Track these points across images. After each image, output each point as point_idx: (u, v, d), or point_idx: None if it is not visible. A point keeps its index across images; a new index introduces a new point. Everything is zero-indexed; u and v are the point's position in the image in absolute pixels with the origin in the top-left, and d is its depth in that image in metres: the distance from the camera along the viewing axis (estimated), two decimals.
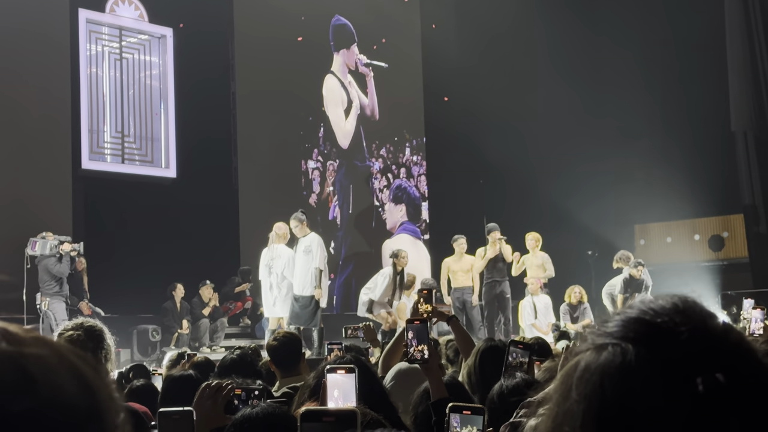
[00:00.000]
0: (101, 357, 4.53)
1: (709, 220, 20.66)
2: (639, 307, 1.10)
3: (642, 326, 1.07)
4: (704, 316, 1.09)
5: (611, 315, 1.12)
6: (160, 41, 18.05)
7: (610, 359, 1.05)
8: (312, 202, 19.28)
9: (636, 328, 1.07)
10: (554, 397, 1.10)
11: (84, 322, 4.70)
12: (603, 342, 1.07)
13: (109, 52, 17.45)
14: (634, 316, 1.09)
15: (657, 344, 1.04)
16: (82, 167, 16.65)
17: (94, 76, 17.17)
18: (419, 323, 4.16)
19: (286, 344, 6.10)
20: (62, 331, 4.67)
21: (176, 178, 17.88)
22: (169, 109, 17.98)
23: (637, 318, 1.08)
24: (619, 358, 1.04)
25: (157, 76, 18.01)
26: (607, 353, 1.05)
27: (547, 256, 15.71)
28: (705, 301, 1.13)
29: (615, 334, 1.07)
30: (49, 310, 12.96)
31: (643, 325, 1.07)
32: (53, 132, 15.93)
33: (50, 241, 13.04)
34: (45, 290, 13.11)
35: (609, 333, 1.08)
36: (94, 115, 17.05)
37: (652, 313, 1.08)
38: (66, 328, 4.65)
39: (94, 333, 4.59)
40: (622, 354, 1.04)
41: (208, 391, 3.56)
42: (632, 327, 1.07)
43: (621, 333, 1.07)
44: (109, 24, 17.44)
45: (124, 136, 17.50)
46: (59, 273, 13.13)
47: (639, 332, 1.06)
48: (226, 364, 6.19)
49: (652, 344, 1.04)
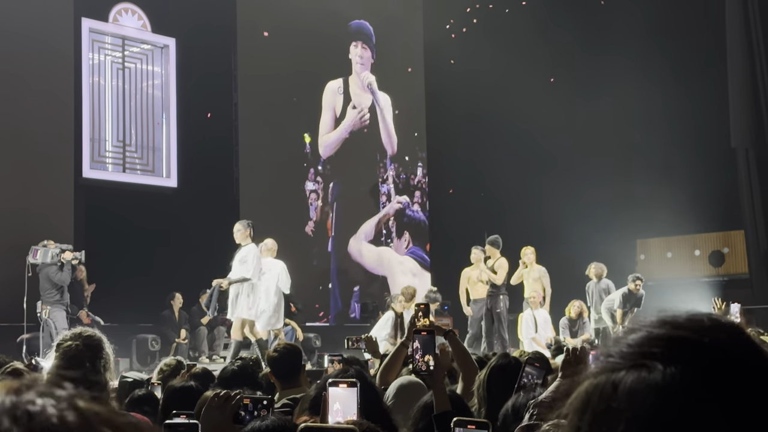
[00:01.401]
0: (99, 367, 4.52)
1: (709, 236, 20.66)
2: (672, 324, 1.05)
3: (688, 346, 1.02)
4: (745, 337, 1.05)
5: (631, 330, 1.07)
6: (162, 51, 18.08)
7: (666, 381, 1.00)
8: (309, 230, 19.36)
9: (683, 348, 1.02)
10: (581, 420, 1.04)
11: (83, 332, 4.68)
12: (645, 362, 1.02)
13: (111, 62, 17.48)
14: (677, 335, 1.04)
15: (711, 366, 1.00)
16: (83, 176, 16.66)
17: (97, 85, 17.20)
18: (426, 334, 4.15)
19: (286, 355, 6.10)
20: (61, 341, 4.65)
21: (177, 187, 17.89)
22: (170, 119, 18.00)
23: (681, 337, 1.03)
24: (677, 380, 0.99)
25: (160, 85, 18.04)
26: (659, 374, 1.00)
27: (545, 270, 15.69)
28: None
29: (660, 354, 1.02)
30: (49, 318, 12.95)
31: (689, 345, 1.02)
32: (55, 140, 15.95)
33: (51, 250, 13.03)
34: (46, 298, 13.09)
35: (647, 353, 1.03)
36: (95, 124, 17.07)
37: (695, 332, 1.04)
38: (64, 338, 4.64)
39: (92, 343, 4.58)
40: (680, 376, 1.00)
41: (217, 400, 3.56)
42: (678, 346, 1.02)
43: (667, 353, 1.02)
44: (112, 33, 17.47)
45: (125, 146, 17.52)
46: (60, 281, 13.12)
47: (687, 353, 1.01)
48: (226, 375, 6.18)
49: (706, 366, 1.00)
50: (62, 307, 13.19)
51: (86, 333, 4.65)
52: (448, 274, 19.03)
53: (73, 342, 4.53)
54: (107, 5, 17.39)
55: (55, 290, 13.13)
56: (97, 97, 17.20)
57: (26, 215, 15.04)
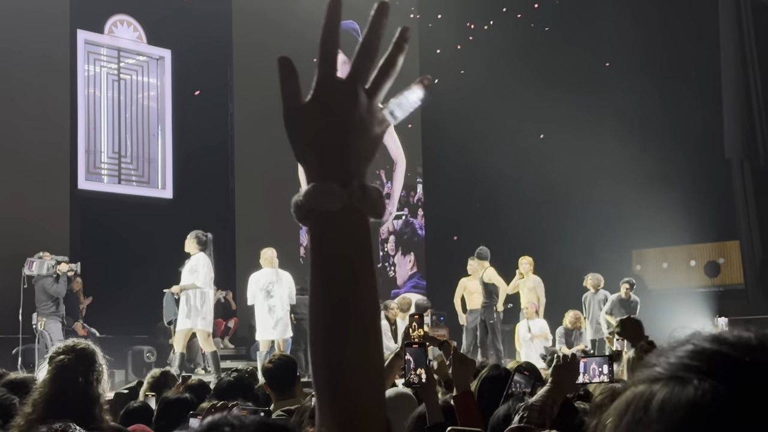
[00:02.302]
0: (92, 380, 4.52)
1: (705, 246, 20.68)
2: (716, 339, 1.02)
3: (728, 362, 0.99)
4: None
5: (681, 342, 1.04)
6: (158, 62, 18.10)
7: (699, 396, 0.96)
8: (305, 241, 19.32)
9: (721, 363, 0.99)
10: (621, 426, 1.01)
11: (76, 345, 4.67)
12: (682, 375, 0.99)
13: (107, 73, 17.50)
14: (715, 349, 1.00)
15: (749, 384, 0.96)
16: (79, 187, 16.66)
17: (92, 96, 17.21)
18: (418, 347, 4.15)
19: (281, 367, 6.09)
20: (53, 354, 4.65)
21: (173, 198, 17.89)
22: (166, 130, 18.01)
23: (719, 352, 1.00)
24: (709, 396, 0.96)
25: (155, 97, 18.05)
26: (693, 388, 0.97)
27: (539, 280, 15.74)
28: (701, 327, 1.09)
29: (696, 368, 0.99)
30: (45, 330, 12.92)
31: (730, 361, 0.99)
32: (51, 152, 15.95)
33: (47, 261, 13.01)
34: (41, 310, 13.07)
35: (687, 365, 1.00)
36: (91, 136, 17.08)
37: (736, 348, 1.00)
38: (57, 352, 4.63)
39: (85, 356, 4.58)
40: (712, 392, 0.96)
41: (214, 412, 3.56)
42: (718, 362, 0.99)
43: (704, 367, 0.98)
44: (107, 45, 17.49)
45: (121, 157, 17.52)
46: (56, 293, 13.10)
47: (726, 369, 0.98)
48: (222, 386, 6.17)
49: (744, 384, 0.96)
50: (58, 318, 13.17)
51: (79, 346, 4.64)
52: (444, 286, 19.04)
53: (65, 356, 4.53)
54: (103, 17, 17.41)
55: (51, 302, 13.11)
56: (93, 108, 17.21)
57: (22, 227, 15.02)
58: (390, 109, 1.26)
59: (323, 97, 1.23)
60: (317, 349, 1.24)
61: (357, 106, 1.22)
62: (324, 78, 1.25)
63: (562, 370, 3.80)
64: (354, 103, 1.22)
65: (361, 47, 1.26)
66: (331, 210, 1.20)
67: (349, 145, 1.22)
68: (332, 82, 1.24)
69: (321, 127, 1.23)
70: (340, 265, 1.22)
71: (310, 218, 1.21)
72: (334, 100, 1.23)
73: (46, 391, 4.40)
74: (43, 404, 4.33)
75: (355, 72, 1.25)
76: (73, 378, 4.44)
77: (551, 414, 3.57)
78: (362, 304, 1.22)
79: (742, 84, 19.30)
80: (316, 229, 1.22)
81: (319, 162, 1.22)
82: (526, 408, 3.54)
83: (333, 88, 1.23)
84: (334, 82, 1.24)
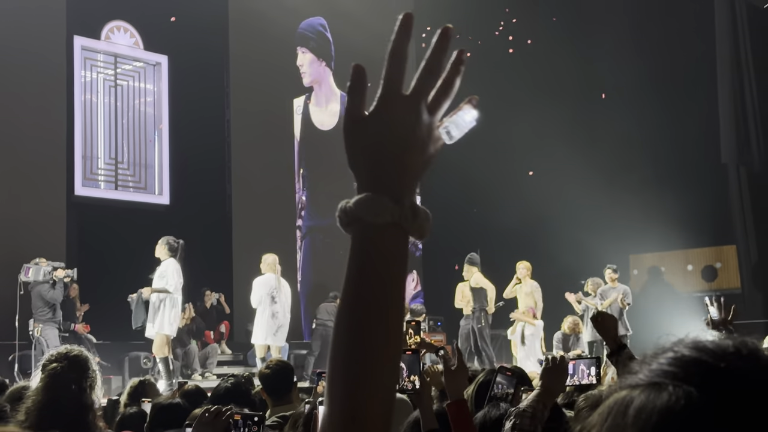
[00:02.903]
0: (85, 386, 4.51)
1: (702, 251, 20.68)
2: (695, 347, 1.04)
3: (704, 369, 1.01)
4: (766, 362, 1.03)
5: (664, 349, 1.06)
6: (155, 68, 18.10)
7: (672, 401, 0.99)
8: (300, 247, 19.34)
9: (698, 370, 1.01)
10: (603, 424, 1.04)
11: (69, 352, 4.66)
12: (660, 381, 1.02)
13: (104, 79, 17.50)
14: (694, 357, 1.03)
15: (722, 391, 0.99)
16: (75, 193, 16.65)
17: (89, 102, 17.21)
18: (411, 353, 4.14)
19: (278, 372, 6.10)
20: (46, 362, 4.63)
21: (170, 204, 17.89)
22: (163, 136, 18.01)
23: (698, 359, 1.02)
24: (682, 402, 0.98)
25: (152, 103, 18.06)
26: (668, 394, 0.99)
27: (537, 285, 15.77)
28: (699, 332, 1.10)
29: (673, 374, 1.01)
30: (41, 336, 12.90)
31: (706, 368, 1.01)
32: (47, 158, 15.94)
33: (44, 267, 13.00)
34: (38, 316, 13.05)
35: (665, 372, 1.02)
36: (88, 142, 17.08)
37: (713, 356, 1.02)
38: (50, 360, 4.61)
39: (78, 363, 4.56)
40: (686, 398, 0.98)
41: (207, 416, 3.56)
42: (693, 369, 1.01)
43: (681, 374, 1.01)
44: (104, 51, 17.49)
45: (117, 163, 17.52)
46: (53, 299, 13.09)
47: (702, 375, 1.00)
48: (220, 392, 6.16)
49: (717, 390, 0.99)
50: (54, 324, 13.16)
51: (72, 353, 4.63)
52: (442, 291, 19.05)
53: (58, 363, 4.52)
54: (100, 23, 17.42)
55: (48, 308, 13.09)
56: (90, 114, 17.21)
57: (18, 233, 15.01)
58: (447, 128, 1.27)
59: (388, 110, 1.23)
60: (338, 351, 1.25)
61: (419, 123, 1.24)
62: (390, 91, 1.24)
63: (551, 372, 3.80)
64: (417, 119, 1.23)
65: (425, 66, 1.26)
66: (379, 222, 1.20)
67: (406, 161, 1.23)
68: (398, 96, 1.24)
69: (381, 139, 1.23)
70: (377, 276, 1.23)
71: (354, 226, 1.22)
72: (398, 114, 1.23)
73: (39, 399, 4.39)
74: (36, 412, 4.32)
75: (419, 89, 1.25)
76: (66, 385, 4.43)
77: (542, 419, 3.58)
78: (391, 317, 1.22)
79: (737, 89, 19.33)
80: (359, 238, 1.22)
81: (374, 173, 1.23)
82: (518, 414, 3.54)
83: (398, 102, 1.23)
84: (400, 97, 1.24)
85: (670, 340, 1.09)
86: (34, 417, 4.26)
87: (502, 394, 4.18)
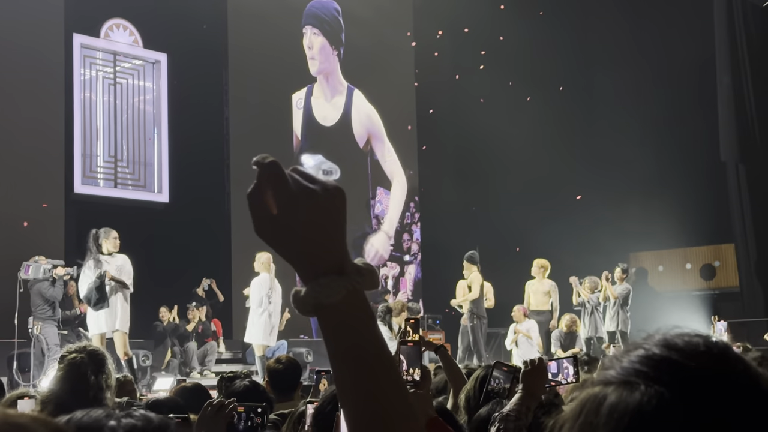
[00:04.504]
0: (102, 382, 4.52)
1: (700, 250, 20.71)
2: (667, 345, 1.06)
3: (675, 369, 1.03)
4: (735, 362, 1.05)
5: (636, 346, 1.08)
6: (154, 66, 18.09)
7: (644, 401, 1.01)
8: None
9: (669, 370, 1.03)
10: (575, 427, 1.06)
11: (87, 346, 4.72)
12: (632, 380, 1.04)
13: (103, 77, 17.49)
14: (665, 356, 1.05)
15: (694, 391, 1.01)
16: (74, 191, 16.65)
17: (88, 100, 17.20)
18: (412, 345, 4.13)
19: (288, 369, 6.12)
20: (65, 353, 4.66)
21: (169, 202, 17.88)
22: (162, 134, 18.00)
23: (668, 359, 1.04)
24: (654, 402, 1.00)
25: (151, 101, 18.05)
26: (641, 394, 1.01)
27: (554, 285, 15.79)
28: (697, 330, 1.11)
29: (645, 373, 1.03)
30: (41, 334, 12.89)
31: (677, 368, 1.03)
32: (47, 156, 15.94)
33: (43, 265, 12.97)
34: (37, 314, 13.03)
35: (637, 371, 1.04)
36: (87, 140, 17.07)
37: (684, 355, 1.04)
38: (69, 350, 4.65)
39: (96, 356, 4.60)
40: (658, 397, 1.00)
41: (210, 410, 3.56)
42: (665, 368, 1.03)
43: (652, 373, 1.03)
44: (103, 49, 17.49)
45: (117, 161, 17.51)
46: (52, 297, 13.06)
47: (673, 375, 1.02)
48: (237, 390, 6.13)
49: (689, 391, 1.01)
50: (53, 322, 13.14)
51: (90, 347, 4.68)
52: (441, 289, 19.04)
53: (78, 354, 4.54)
54: (99, 21, 17.41)
55: (47, 306, 13.07)
56: (89, 112, 17.20)
57: (18, 231, 15.01)
58: None
59: (292, 205, 1.25)
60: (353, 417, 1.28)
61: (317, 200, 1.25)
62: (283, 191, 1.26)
63: (531, 375, 3.81)
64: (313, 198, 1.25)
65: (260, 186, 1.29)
66: (338, 300, 1.24)
67: (329, 236, 1.26)
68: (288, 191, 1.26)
69: (292, 232, 1.25)
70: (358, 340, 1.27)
71: (318, 311, 1.26)
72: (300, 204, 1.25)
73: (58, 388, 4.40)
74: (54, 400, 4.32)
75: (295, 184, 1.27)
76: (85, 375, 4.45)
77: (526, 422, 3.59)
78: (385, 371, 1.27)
79: (736, 87, 19.35)
80: (328, 320, 1.26)
81: (311, 260, 1.26)
82: (502, 419, 3.55)
83: (292, 196, 1.25)
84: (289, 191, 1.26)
85: (641, 335, 1.11)
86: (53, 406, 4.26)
87: (499, 389, 4.18)
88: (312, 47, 19.87)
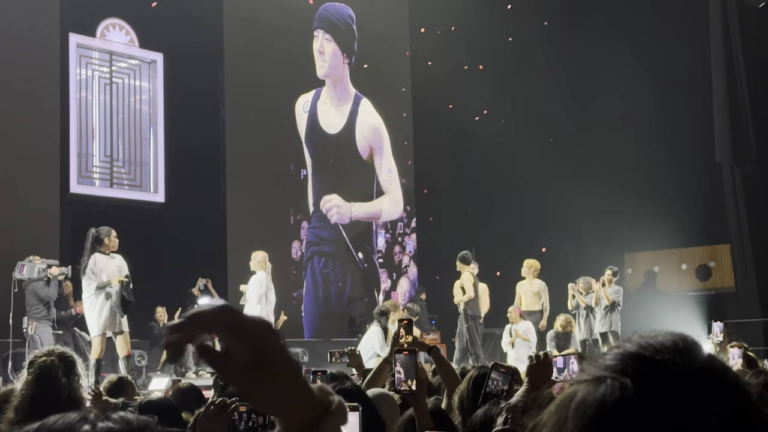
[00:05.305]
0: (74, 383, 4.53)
1: (696, 250, 20.73)
2: (638, 342, 1.09)
3: (641, 362, 1.06)
4: (703, 356, 1.08)
5: (615, 345, 1.12)
6: (150, 66, 18.08)
7: (608, 393, 1.04)
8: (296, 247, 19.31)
9: (635, 363, 1.06)
10: (549, 424, 1.09)
11: (55, 349, 4.74)
12: (601, 375, 1.07)
13: (99, 77, 17.48)
14: (634, 351, 1.08)
15: (656, 382, 1.03)
16: (70, 191, 16.63)
17: (84, 100, 17.19)
18: (407, 353, 4.12)
19: None
20: (34, 358, 4.66)
21: (165, 202, 17.87)
22: (158, 134, 17.99)
23: (637, 354, 1.07)
24: (617, 393, 1.03)
25: (147, 100, 18.03)
26: (605, 387, 1.05)
27: (544, 285, 15.79)
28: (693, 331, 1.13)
29: (613, 367, 1.07)
30: (35, 334, 12.87)
31: (643, 361, 1.06)
32: (42, 155, 15.91)
33: (38, 265, 12.95)
34: (32, 314, 13.01)
35: (607, 366, 1.07)
36: (83, 139, 17.05)
37: (652, 350, 1.07)
38: (37, 355, 4.67)
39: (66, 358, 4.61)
40: (621, 389, 1.03)
41: (212, 409, 3.55)
42: (631, 362, 1.06)
43: (620, 367, 1.06)
44: (99, 49, 17.47)
45: (113, 161, 17.50)
46: (47, 297, 13.04)
47: (638, 368, 1.05)
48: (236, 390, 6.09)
49: (652, 381, 1.04)
50: (48, 322, 13.11)
51: (59, 350, 4.70)
52: (438, 289, 19.06)
53: (47, 357, 4.55)
54: (95, 20, 17.39)
55: (42, 306, 13.05)
56: (85, 112, 17.18)
57: (13, 230, 14.98)
58: None
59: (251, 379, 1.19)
60: None
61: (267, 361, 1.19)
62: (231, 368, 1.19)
63: (537, 369, 3.83)
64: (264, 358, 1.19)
65: None
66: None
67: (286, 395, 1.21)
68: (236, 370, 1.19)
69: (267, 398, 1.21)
70: None
71: None
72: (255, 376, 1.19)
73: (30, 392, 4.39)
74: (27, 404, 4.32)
75: None
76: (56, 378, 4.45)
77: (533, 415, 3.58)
78: None
79: (731, 89, 19.37)
80: None
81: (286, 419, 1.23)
82: (510, 409, 3.56)
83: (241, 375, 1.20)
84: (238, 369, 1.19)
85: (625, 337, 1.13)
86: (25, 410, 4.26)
87: (497, 391, 4.18)
88: (323, 52, 19.81)
